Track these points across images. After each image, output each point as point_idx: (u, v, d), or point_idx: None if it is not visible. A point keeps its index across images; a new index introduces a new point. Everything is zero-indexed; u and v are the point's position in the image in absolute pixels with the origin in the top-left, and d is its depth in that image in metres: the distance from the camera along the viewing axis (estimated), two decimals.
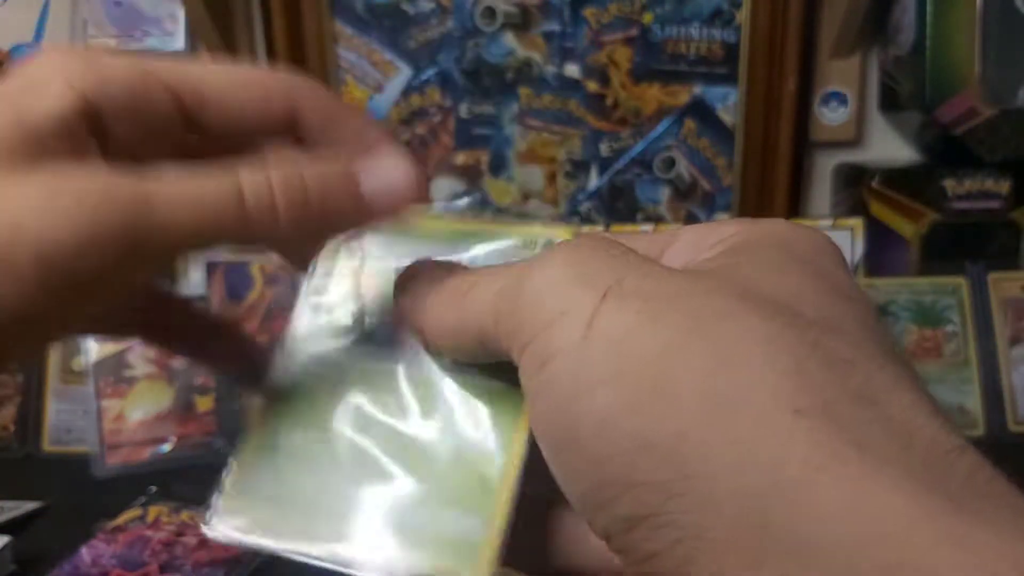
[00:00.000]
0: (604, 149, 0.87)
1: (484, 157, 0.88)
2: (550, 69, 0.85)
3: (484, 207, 0.90)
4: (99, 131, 0.17)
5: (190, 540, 0.48)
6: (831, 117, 0.85)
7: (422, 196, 0.19)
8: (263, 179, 0.17)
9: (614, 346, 0.14)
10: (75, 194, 0.16)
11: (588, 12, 0.83)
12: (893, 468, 0.12)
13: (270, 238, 0.19)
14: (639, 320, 0.14)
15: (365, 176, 0.18)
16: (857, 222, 0.76)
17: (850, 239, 0.76)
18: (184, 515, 0.52)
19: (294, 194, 0.17)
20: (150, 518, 0.51)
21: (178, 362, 0.73)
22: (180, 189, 0.17)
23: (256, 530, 0.18)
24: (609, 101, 0.86)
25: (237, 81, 0.19)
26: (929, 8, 0.73)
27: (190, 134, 0.19)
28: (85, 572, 0.46)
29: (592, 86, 0.85)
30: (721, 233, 0.17)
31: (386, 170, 0.19)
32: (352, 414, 0.19)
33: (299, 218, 0.17)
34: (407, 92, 0.87)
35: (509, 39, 0.85)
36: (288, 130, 0.19)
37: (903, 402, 0.14)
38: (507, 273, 0.16)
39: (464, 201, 0.24)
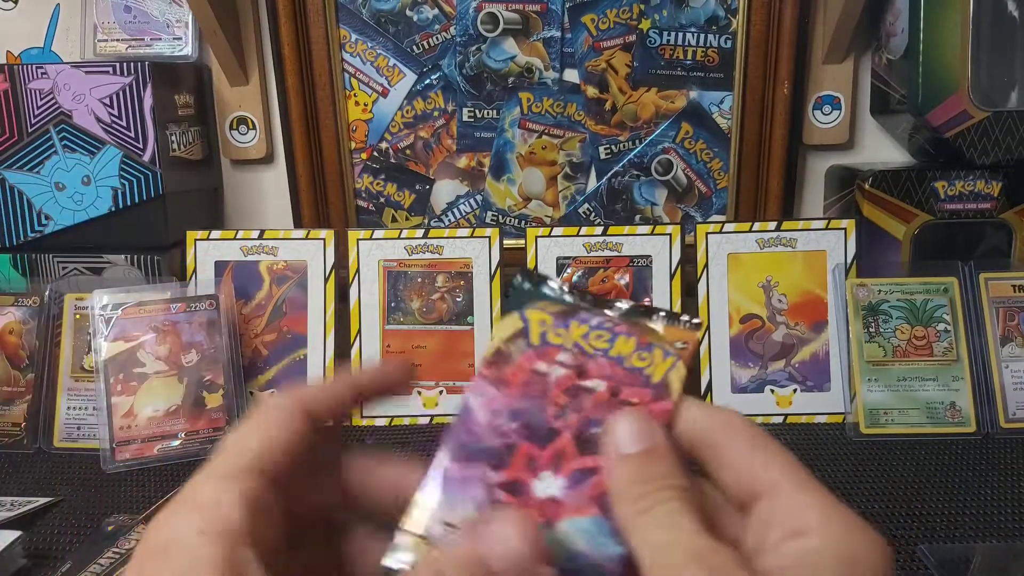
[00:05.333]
0: (603, 152, 0.89)
1: (486, 160, 0.90)
2: (550, 74, 0.87)
3: (486, 208, 0.92)
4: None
5: (598, 384, 0.27)
6: (824, 120, 0.87)
7: (539, 554, 0.22)
8: None
9: None
10: None
11: (587, 19, 0.85)
12: None
13: None
14: None
15: (484, 547, 0.22)
16: (849, 223, 0.77)
17: (843, 240, 0.77)
18: (577, 333, 0.28)
19: None
20: (534, 335, 0.28)
21: (187, 359, 0.74)
22: None
23: None
24: (608, 105, 0.87)
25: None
26: (922, 13, 0.74)
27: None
28: (483, 436, 0.27)
29: (591, 91, 0.87)
30: (801, 523, 0.22)
31: (501, 539, 0.22)
32: None
33: None
34: (411, 96, 0.88)
35: (510, 45, 0.86)
36: None
37: None
38: None
39: None
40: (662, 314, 0.28)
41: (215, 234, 0.81)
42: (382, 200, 0.92)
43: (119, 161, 0.80)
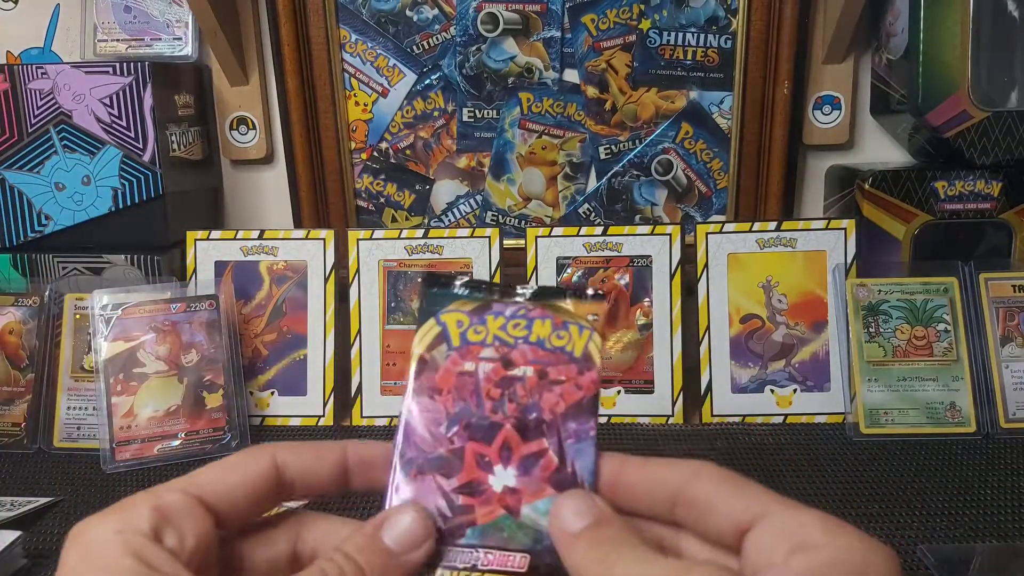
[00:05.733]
0: (603, 152, 0.89)
1: (486, 160, 0.90)
2: (550, 74, 0.87)
3: (486, 208, 0.92)
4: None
5: (526, 371, 0.29)
6: (824, 120, 0.87)
7: (429, 535, 0.25)
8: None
9: None
10: None
11: (587, 19, 0.85)
12: None
13: None
14: None
15: (385, 532, 0.25)
16: (850, 223, 0.77)
17: (843, 240, 0.77)
18: (494, 326, 0.30)
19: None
20: (454, 337, 0.29)
21: (187, 359, 0.74)
22: None
23: None
24: (608, 105, 0.87)
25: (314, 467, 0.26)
26: (922, 13, 0.74)
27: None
28: (428, 448, 0.28)
29: (591, 91, 0.87)
30: (804, 538, 0.22)
31: (399, 522, 0.25)
32: None
33: None
34: (411, 96, 0.88)
35: (510, 45, 0.86)
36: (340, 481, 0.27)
37: None
38: None
39: None
40: (569, 292, 0.30)
41: (215, 234, 0.81)
42: (382, 200, 0.92)
43: (119, 161, 0.80)
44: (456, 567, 0.26)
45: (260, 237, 0.80)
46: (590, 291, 0.30)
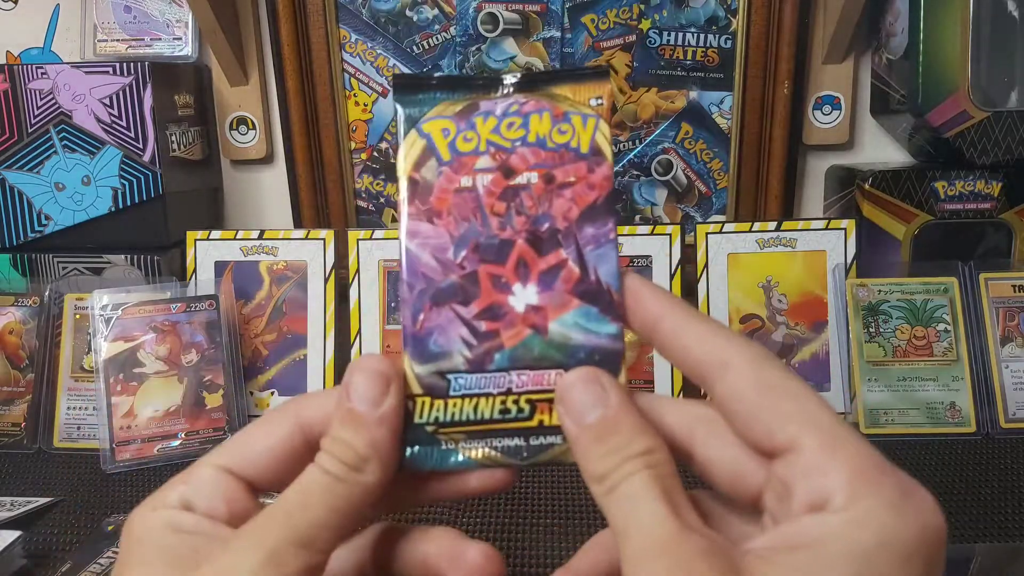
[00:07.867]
0: None
1: None
2: None
3: None
4: None
5: (530, 177, 0.26)
6: (824, 120, 0.87)
7: (392, 378, 0.24)
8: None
9: None
10: None
11: (587, 19, 0.85)
12: None
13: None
14: None
15: (352, 399, 0.24)
16: (850, 223, 0.77)
17: (843, 240, 0.77)
18: (486, 129, 0.26)
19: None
20: (442, 150, 0.26)
21: (187, 359, 0.74)
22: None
23: None
24: None
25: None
26: (922, 13, 0.74)
27: None
28: (439, 276, 0.25)
29: None
30: (825, 492, 0.19)
31: (357, 385, 0.24)
32: None
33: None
34: None
35: (510, 45, 0.86)
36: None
37: None
38: None
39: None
40: (564, 75, 0.27)
41: (215, 234, 0.81)
42: (382, 200, 0.92)
43: (119, 161, 0.80)
44: (491, 393, 0.24)
45: (260, 237, 0.80)
46: (588, 69, 0.26)
